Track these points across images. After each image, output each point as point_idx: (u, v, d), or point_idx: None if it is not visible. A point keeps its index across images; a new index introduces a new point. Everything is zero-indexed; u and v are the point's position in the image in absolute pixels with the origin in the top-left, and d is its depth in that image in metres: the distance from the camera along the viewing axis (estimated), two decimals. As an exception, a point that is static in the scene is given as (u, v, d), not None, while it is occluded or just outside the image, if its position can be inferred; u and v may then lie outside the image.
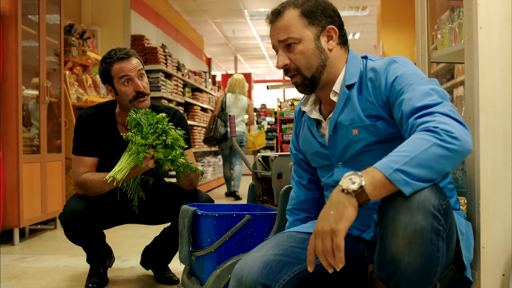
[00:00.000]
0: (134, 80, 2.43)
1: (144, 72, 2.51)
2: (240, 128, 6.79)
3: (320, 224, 1.26)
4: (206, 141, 6.66)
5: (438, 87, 1.42)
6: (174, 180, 2.60)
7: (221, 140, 6.50)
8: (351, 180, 1.26)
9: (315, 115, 1.66)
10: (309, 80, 1.58)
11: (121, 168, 2.24)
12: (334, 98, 1.59)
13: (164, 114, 2.34)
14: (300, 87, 1.60)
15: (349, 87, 1.57)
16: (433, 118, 1.30)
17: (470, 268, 1.49)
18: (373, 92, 1.52)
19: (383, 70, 1.51)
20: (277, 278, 1.45)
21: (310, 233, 1.60)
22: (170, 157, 2.26)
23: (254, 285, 1.44)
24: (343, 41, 1.62)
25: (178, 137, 2.29)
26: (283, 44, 1.58)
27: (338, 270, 1.25)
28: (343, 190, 1.25)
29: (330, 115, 1.61)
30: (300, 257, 1.52)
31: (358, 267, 1.57)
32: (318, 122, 1.68)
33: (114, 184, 2.29)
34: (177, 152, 2.28)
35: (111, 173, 2.24)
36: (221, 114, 6.59)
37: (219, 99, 6.88)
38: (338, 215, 1.24)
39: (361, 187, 1.24)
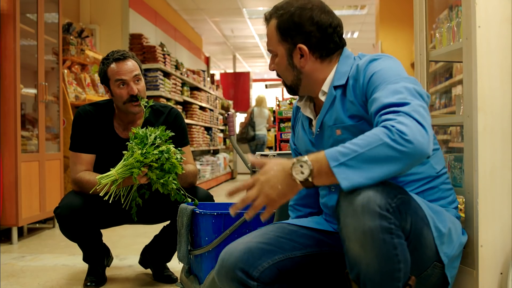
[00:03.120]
0: (129, 83, 2.47)
1: (141, 76, 2.52)
2: (263, 131, 9.43)
3: (266, 183, 1.32)
4: (240, 141, 9.31)
5: (411, 84, 1.40)
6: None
7: (250, 140, 9.33)
8: (301, 169, 1.29)
9: (307, 112, 1.68)
10: (289, 87, 1.64)
11: (109, 175, 2.22)
12: (323, 98, 1.61)
13: (175, 150, 2.29)
14: (286, 89, 1.67)
15: (338, 87, 1.58)
16: (395, 116, 1.29)
17: (456, 263, 1.49)
18: (353, 91, 1.52)
19: (362, 69, 1.51)
20: (256, 264, 1.49)
21: (301, 226, 1.64)
22: (162, 180, 2.24)
23: (233, 269, 1.49)
24: (327, 53, 1.59)
25: (177, 165, 2.27)
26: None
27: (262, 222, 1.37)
28: (292, 176, 1.30)
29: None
30: (283, 247, 1.55)
31: (343, 262, 1.59)
32: (310, 120, 1.70)
33: (98, 189, 2.24)
34: (170, 178, 2.25)
35: (98, 177, 2.23)
36: (251, 122, 9.41)
37: (249, 111, 9.72)
38: (282, 192, 1.31)
39: (307, 179, 1.29)
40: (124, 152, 2.28)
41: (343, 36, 1.64)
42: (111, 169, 2.26)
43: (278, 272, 1.51)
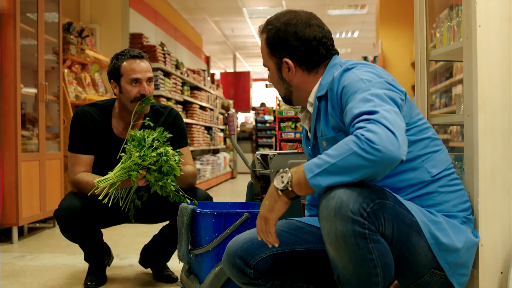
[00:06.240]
0: (142, 83, 2.48)
1: (152, 79, 2.54)
2: None
3: (261, 209, 1.43)
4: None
5: (382, 90, 1.40)
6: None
7: None
8: (281, 179, 1.37)
9: (305, 123, 1.72)
10: (283, 98, 1.70)
11: (107, 178, 2.22)
12: (310, 109, 1.64)
13: (174, 152, 2.30)
14: (282, 100, 1.74)
15: (321, 98, 1.59)
16: (365, 124, 1.31)
17: (464, 270, 1.47)
18: (331, 102, 1.54)
19: (336, 80, 1.52)
20: (254, 254, 1.59)
21: (308, 224, 1.68)
22: (160, 183, 2.24)
23: (233, 256, 1.61)
24: (313, 65, 1.62)
25: (175, 167, 2.26)
26: None
27: (276, 246, 1.47)
28: (274, 187, 1.37)
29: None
30: (285, 241, 1.61)
31: None
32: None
33: (96, 192, 2.22)
34: (169, 180, 2.25)
35: (96, 180, 2.22)
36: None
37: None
38: (270, 207, 1.40)
39: (287, 188, 1.35)
40: (122, 154, 2.28)
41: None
42: (109, 172, 2.25)
43: (274, 263, 1.58)
